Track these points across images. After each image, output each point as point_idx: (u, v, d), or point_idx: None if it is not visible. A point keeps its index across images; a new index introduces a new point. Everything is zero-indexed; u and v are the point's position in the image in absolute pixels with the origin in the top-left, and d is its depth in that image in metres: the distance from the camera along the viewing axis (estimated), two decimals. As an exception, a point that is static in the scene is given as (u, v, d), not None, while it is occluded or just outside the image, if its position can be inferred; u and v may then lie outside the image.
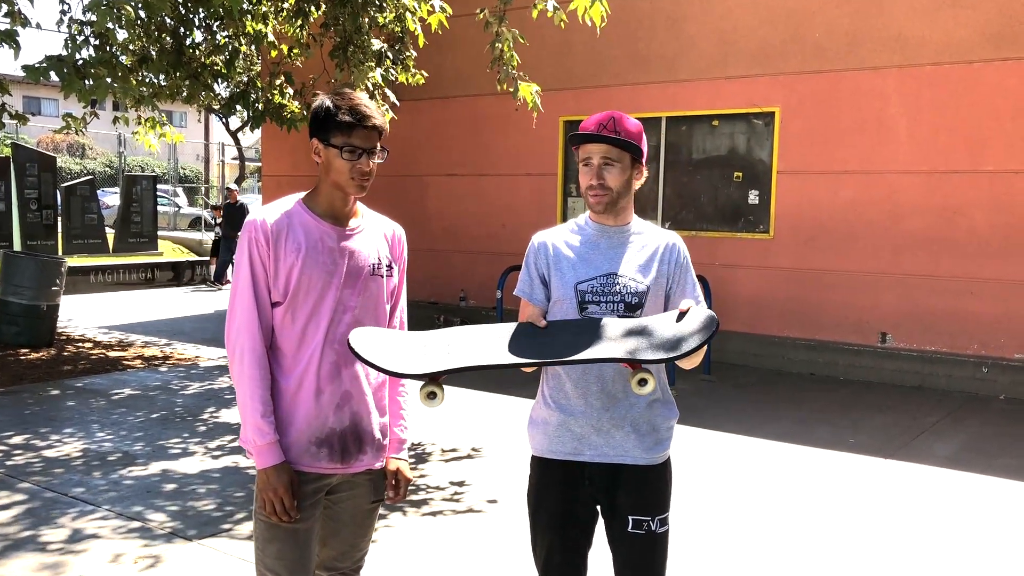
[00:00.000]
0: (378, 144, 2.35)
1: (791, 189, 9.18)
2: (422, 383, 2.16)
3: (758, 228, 9.45)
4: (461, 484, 5.32)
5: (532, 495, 2.55)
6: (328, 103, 2.32)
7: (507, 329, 2.36)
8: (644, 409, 2.44)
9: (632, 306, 2.42)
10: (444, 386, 2.18)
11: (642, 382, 2.19)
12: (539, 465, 2.53)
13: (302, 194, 2.43)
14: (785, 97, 9.15)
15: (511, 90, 7.12)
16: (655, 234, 2.55)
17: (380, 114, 2.35)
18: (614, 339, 2.25)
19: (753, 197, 9.49)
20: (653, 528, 2.44)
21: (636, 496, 2.44)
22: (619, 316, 2.41)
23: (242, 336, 2.31)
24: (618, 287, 2.43)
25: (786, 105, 9.15)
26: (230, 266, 16.65)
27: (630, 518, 2.43)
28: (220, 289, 16.40)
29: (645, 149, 2.48)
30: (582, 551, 2.53)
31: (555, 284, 2.48)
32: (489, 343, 2.30)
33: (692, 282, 2.53)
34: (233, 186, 18.19)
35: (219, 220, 17.13)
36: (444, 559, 4.22)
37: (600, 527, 2.55)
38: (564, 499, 2.48)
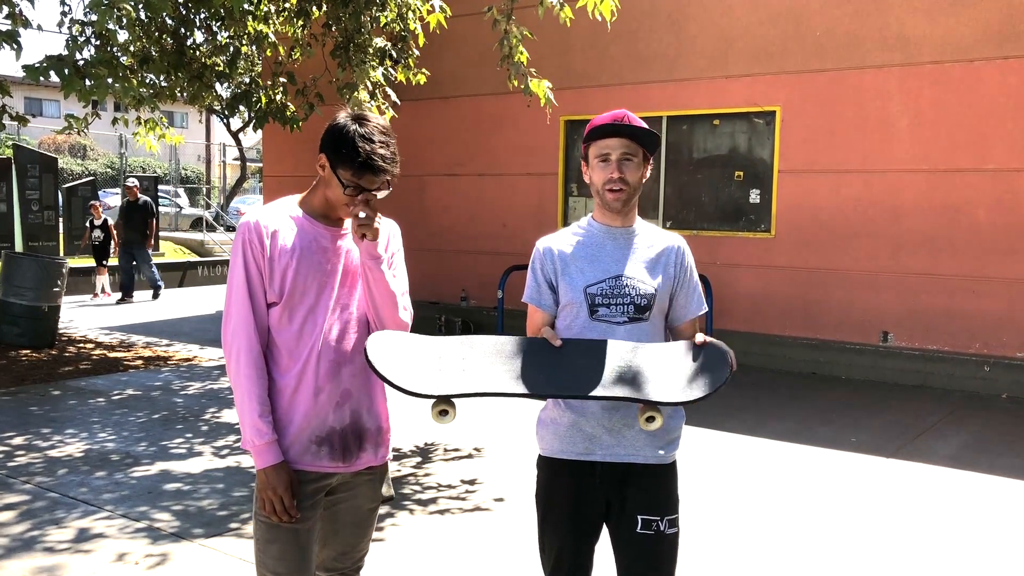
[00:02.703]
0: (385, 180, 2.29)
1: (792, 188, 9.17)
2: (433, 401, 2.17)
3: (759, 227, 9.44)
4: (467, 483, 5.32)
5: (541, 496, 2.53)
6: (349, 132, 2.25)
7: (522, 345, 2.34)
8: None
9: (641, 307, 2.43)
10: (455, 403, 2.18)
11: (650, 419, 2.22)
12: (548, 465, 2.52)
13: (297, 196, 2.43)
14: (786, 96, 9.14)
15: (522, 87, 7.11)
16: (659, 236, 2.55)
17: (394, 156, 2.29)
18: (628, 368, 2.25)
19: (754, 196, 9.48)
20: (663, 528, 2.43)
21: (646, 495, 2.44)
22: (629, 318, 2.42)
23: (238, 337, 2.31)
24: (627, 289, 2.43)
25: (787, 104, 9.14)
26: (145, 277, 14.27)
27: (639, 518, 2.43)
28: (128, 302, 13.95)
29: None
30: (590, 551, 2.52)
31: (563, 289, 2.47)
32: (504, 364, 2.27)
33: (695, 284, 2.54)
34: (133, 181, 14.81)
35: (98, 222, 13.94)
36: (451, 557, 4.22)
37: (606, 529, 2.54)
38: (575, 500, 2.47)
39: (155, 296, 14.55)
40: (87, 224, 14.31)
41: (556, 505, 2.49)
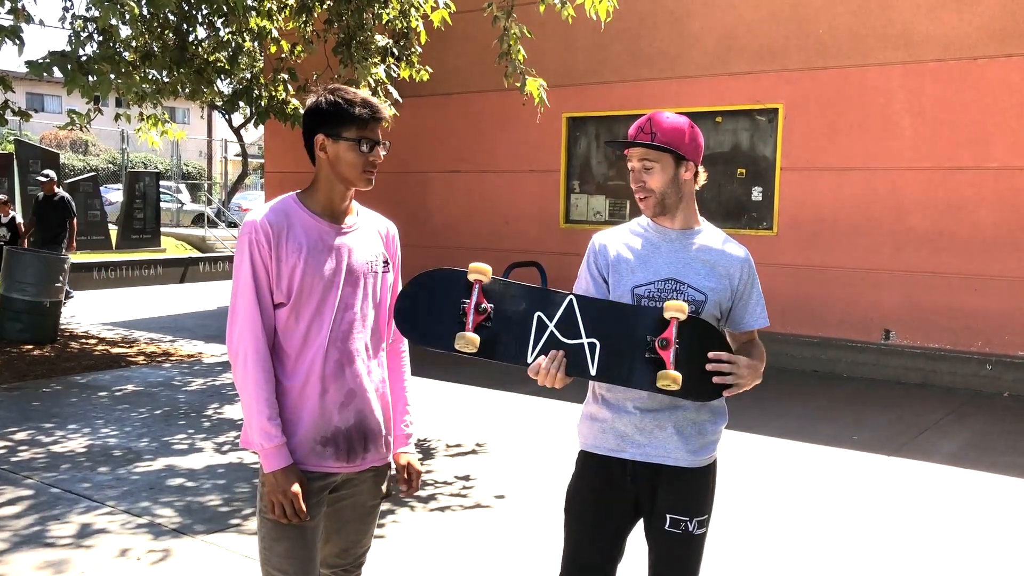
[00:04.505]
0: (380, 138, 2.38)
1: (795, 186, 9.17)
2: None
3: (761, 225, 9.44)
4: (467, 479, 5.33)
5: (570, 487, 2.57)
6: (335, 98, 2.30)
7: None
8: (691, 412, 2.43)
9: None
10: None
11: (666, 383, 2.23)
12: (582, 458, 2.56)
13: (297, 193, 2.40)
14: (789, 94, 9.13)
15: (518, 85, 7.12)
16: (724, 243, 2.49)
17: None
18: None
19: (756, 194, 9.48)
20: (690, 529, 2.45)
21: (676, 496, 2.45)
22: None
23: (245, 339, 2.28)
24: (675, 294, 2.39)
25: (790, 102, 9.13)
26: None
27: (668, 516, 2.44)
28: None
29: (695, 144, 2.42)
30: (610, 552, 2.50)
31: (612, 285, 2.47)
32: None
33: (756, 298, 2.50)
34: (47, 174, 12.38)
35: (5, 220, 11.84)
36: (452, 553, 4.23)
37: (632, 539, 2.54)
38: (599, 494, 2.49)
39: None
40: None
41: (580, 496, 2.52)
